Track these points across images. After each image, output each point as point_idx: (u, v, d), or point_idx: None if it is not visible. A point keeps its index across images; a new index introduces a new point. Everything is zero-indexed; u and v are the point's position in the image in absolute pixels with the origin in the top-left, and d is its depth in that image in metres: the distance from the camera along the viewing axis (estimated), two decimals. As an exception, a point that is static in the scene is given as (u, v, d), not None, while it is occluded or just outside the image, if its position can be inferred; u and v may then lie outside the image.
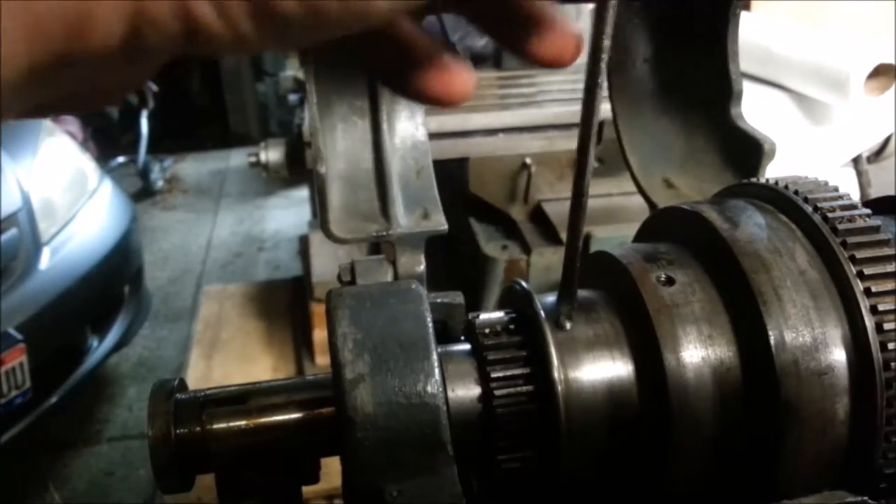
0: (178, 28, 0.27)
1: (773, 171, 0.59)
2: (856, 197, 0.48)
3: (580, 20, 2.61)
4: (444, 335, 0.53)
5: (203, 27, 0.27)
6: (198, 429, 0.47)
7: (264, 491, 0.49)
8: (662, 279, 0.46)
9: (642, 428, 0.45)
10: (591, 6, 0.36)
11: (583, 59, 0.38)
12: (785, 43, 1.45)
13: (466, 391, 0.46)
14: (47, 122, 3.32)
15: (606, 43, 0.36)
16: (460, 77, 0.35)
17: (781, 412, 0.42)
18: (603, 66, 0.37)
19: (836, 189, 0.48)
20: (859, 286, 0.43)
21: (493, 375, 0.45)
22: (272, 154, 2.69)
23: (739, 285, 0.44)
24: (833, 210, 0.46)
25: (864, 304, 0.43)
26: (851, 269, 0.43)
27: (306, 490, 0.50)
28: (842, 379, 0.43)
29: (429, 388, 0.42)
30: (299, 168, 2.62)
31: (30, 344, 2.49)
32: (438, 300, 0.54)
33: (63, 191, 3.01)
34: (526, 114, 2.37)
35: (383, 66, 0.36)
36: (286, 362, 3.12)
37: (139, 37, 0.27)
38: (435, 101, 0.36)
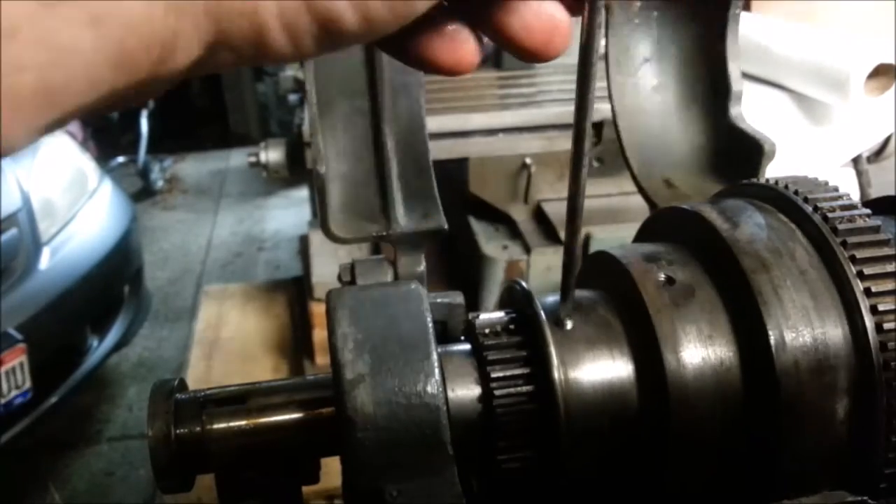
0: (251, 52, 0.30)
1: (773, 171, 0.59)
2: (856, 197, 0.48)
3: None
4: (444, 335, 0.53)
5: (273, 50, 0.30)
6: (198, 429, 0.47)
7: (264, 491, 0.49)
8: (662, 279, 0.46)
9: (642, 428, 0.45)
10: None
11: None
12: (785, 43, 1.45)
13: (466, 391, 0.46)
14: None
15: (598, 41, 0.36)
16: (467, 45, 0.35)
17: (781, 412, 0.42)
18: (594, 65, 0.37)
19: (836, 189, 0.48)
20: (859, 286, 0.43)
21: (493, 375, 0.45)
22: (272, 154, 2.69)
23: (739, 285, 0.44)
24: (833, 210, 0.46)
25: (864, 304, 0.43)
26: (851, 269, 0.43)
27: (306, 490, 0.50)
28: (842, 379, 0.43)
29: (429, 388, 0.42)
30: (299, 168, 2.62)
31: (30, 344, 2.49)
32: (438, 300, 0.54)
33: (63, 191, 3.01)
34: (526, 114, 2.37)
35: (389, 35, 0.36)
36: (286, 362, 3.12)
37: (214, 58, 0.29)
38: (442, 69, 0.35)
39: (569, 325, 0.46)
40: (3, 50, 0.23)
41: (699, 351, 0.44)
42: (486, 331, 0.47)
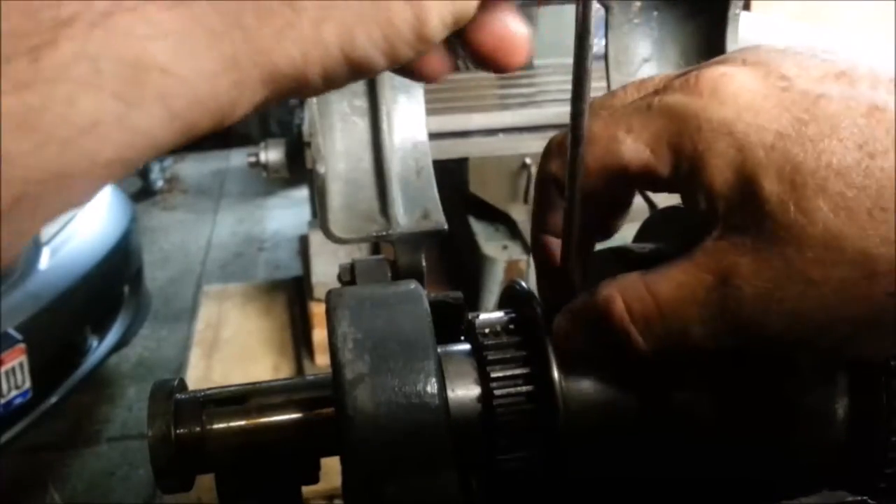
0: (289, 96, 0.33)
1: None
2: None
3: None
4: (444, 335, 0.53)
5: (309, 93, 0.33)
6: (198, 429, 0.47)
7: (264, 491, 0.49)
8: (662, 279, 0.46)
9: (643, 428, 0.45)
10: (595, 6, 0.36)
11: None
12: (784, 43, 1.44)
13: (466, 391, 0.45)
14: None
15: (591, 42, 0.36)
16: (446, 59, 0.37)
17: (781, 412, 0.42)
18: (589, 64, 0.37)
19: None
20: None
21: (493, 375, 0.45)
22: (272, 154, 2.69)
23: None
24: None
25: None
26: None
27: (306, 490, 0.50)
28: (842, 379, 0.43)
29: (429, 388, 0.42)
30: (299, 168, 2.62)
31: (30, 344, 2.49)
32: (438, 300, 0.54)
33: (63, 191, 3.01)
34: (526, 114, 2.37)
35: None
36: (286, 362, 3.12)
37: (267, 104, 0.32)
38: (417, 78, 0.38)
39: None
40: (83, 142, 0.27)
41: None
42: (486, 331, 0.47)
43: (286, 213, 5.50)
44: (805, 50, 0.38)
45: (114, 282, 3.08)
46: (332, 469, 0.48)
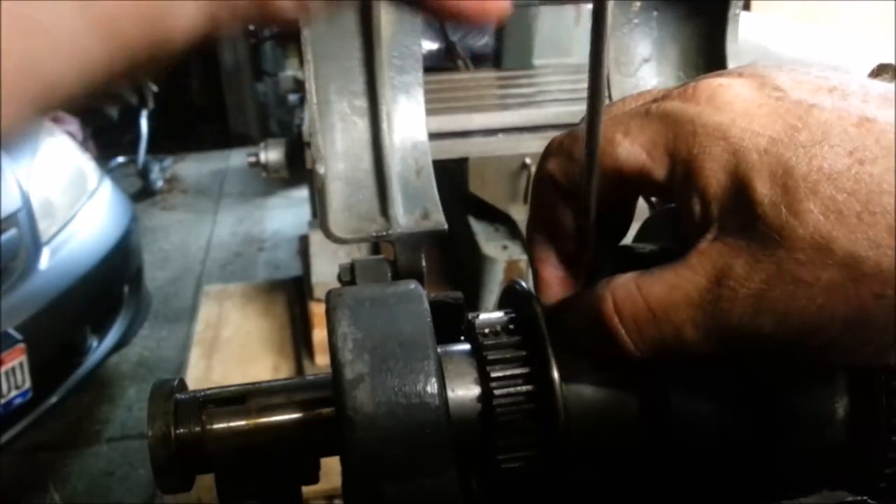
0: (254, 14, 0.30)
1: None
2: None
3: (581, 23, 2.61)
4: (444, 335, 0.53)
5: (275, 9, 0.30)
6: (197, 429, 0.47)
7: (264, 491, 0.49)
8: (662, 279, 0.46)
9: (643, 427, 0.45)
10: (590, 6, 0.36)
11: (583, 59, 0.38)
12: (784, 43, 1.45)
13: (466, 391, 0.45)
14: (47, 122, 3.32)
15: (607, 42, 0.36)
16: None
17: (781, 412, 0.42)
18: (605, 62, 0.37)
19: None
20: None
21: (493, 375, 0.45)
22: (272, 154, 2.69)
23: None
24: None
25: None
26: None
27: (306, 490, 0.50)
28: (842, 379, 0.43)
29: (429, 388, 0.42)
30: (299, 168, 2.62)
31: (30, 344, 2.49)
32: (438, 300, 0.54)
33: (63, 191, 3.01)
34: (526, 114, 2.37)
35: None
36: (286, 362, 3.12)
37: (215, 26, 0.29)
38: (468, 20, 0.36)
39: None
40: None
41: (699, 351, 0.44)
42: (486, 331, 0.47)
43: (286, 213, 5.50)
44: (800, 67, 0.39)
45: (114, 282, 3.09)
46: (332, 469, 0.48)
